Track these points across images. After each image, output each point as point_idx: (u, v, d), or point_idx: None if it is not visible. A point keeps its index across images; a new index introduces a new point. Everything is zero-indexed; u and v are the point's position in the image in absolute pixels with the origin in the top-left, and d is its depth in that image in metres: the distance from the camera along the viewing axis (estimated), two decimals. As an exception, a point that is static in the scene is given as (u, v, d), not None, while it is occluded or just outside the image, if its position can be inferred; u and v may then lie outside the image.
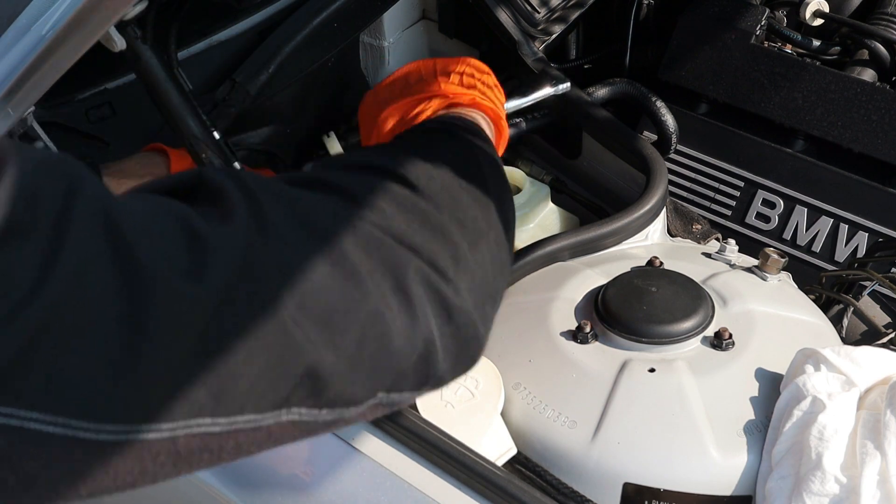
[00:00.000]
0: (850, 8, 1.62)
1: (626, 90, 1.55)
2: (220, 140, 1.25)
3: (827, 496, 0.90)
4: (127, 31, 1.16)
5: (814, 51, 1.55)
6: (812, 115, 1.47)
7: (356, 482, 0.99)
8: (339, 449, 1.01)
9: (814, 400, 0.95)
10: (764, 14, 1.54)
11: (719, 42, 1.54)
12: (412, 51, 1.82)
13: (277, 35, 1.54)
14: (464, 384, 1.04)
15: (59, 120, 1.37)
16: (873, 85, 1.45)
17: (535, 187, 1.49)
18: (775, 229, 1.50)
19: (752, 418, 1.00)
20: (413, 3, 1.77)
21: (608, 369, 1.05)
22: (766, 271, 1.20)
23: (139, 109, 1.44)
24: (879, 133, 1.42)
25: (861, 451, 0.91)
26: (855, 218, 1.44)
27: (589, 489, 1.00)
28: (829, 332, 1.16)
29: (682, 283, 1.12)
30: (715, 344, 1.07)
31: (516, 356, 1.09)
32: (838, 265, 1.45)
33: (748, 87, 1.52)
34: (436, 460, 0.99)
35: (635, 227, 1.27)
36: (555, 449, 1.02)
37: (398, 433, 1.01)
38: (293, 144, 1.68)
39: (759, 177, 1.51)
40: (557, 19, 1.64)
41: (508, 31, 1.56)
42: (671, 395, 1.02)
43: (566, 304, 1.14)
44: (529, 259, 1.21)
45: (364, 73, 1.82)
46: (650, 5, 1.71)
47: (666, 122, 1.51)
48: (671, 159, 1.55)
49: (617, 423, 1.01)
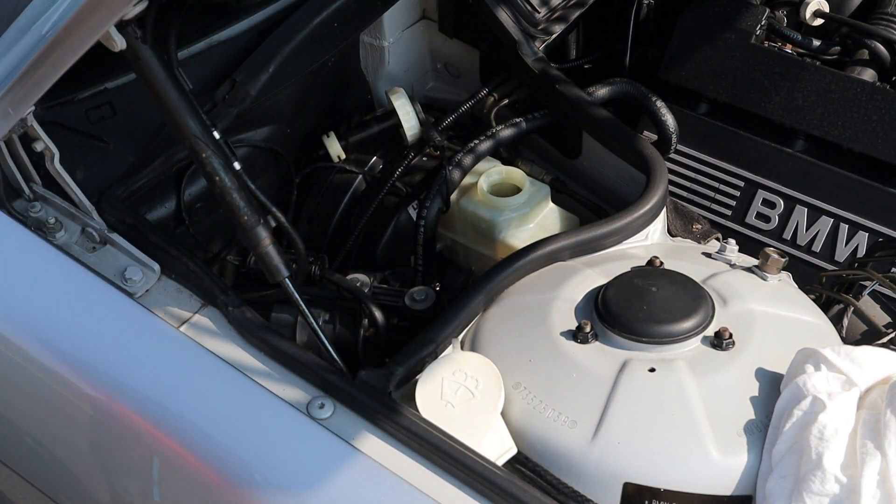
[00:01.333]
0: (850, 8, 1.62)
1: (626, 90, 1.55)
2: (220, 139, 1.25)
3: (827, 496, 0.90)
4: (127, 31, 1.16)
5: (814, 51, 1.55)
6: (812, 114, 1.47)
7: (356, 482, 0.99)
8: (340, 449, 1.01)
9: (814, 400, 0.95)
10: (764, 14, 1.54)
11: (719, 42, 1.54)
12: (412, 51, 1.82)
13: (277, 35, 1.54)
14: (464, 384, 1.04)
15: (59, 120, 1.37)
16: (873, 85, 1.45)
17: (535, 187, 1.49)
18: (775, 229, 1.50)
19: (753, 418, 1.00)
20: (413, 3, 1.77)
21: (608, 369, 1.05)
22: (767, 271, 1.20)
23: (139, 109, 1.44)
24: (879, 133, 1.42)
25: (861, 450, 0.91)
26: (855, 218, 1.44)
27: (589, 489, 1.00)
28: (830, 332, 1.16)
29: (683, 282, 1.12)
30: (715, 344, 1.07)
31: (516, 356, 1.09)
32: (838, 265, 1.45)
33: (748, 87, 1.52)
34: (436, 460, 0.99)
35: (635, 227, 1.28)
36: (555, 449, 1.02)
37: (398, 433, 1.01)
38: (294, 144, 1.68)
39: (759, 177, 1.52)
40: (558, 19, 1.64)
41: (508, 31, 1.56)
42: (671, 394, 1.02)
43: (566, 304, 1.14)
44: (529, 259, 1.21)
45: (364, 73, 1.82)
46: (650, 5, 1.72)
47: (666, 122, 1.51)
48: (671, 159, 1.55)
49: (617, 422, 1.01)
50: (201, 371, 1.10)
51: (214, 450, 1.07)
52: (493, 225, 1.46)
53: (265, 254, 1.12)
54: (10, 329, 1.19)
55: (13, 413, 1.29)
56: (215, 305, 1.15)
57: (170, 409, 1.09)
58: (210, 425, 1.08)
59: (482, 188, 1.47)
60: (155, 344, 1.13)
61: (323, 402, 1.04)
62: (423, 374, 1.06)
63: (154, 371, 1.12)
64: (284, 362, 1.09)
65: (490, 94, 1.62)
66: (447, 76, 1.85)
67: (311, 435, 1.03)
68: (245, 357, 1.10)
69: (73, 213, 1.24)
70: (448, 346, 1.11)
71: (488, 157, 1.55)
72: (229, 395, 1.08)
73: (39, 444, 1.31)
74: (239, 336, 1.12)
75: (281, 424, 1.05)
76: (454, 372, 1.05)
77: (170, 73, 1.22)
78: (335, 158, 1.65)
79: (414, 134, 1.61)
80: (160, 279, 1.18)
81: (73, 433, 1.22)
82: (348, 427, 1.03)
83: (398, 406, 1.02)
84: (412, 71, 1.84)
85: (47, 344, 1.17)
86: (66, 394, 1.16)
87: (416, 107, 1.61)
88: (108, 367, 1.14)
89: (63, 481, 1.33)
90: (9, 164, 1.24)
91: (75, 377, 1.15)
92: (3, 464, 1.37)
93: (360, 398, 1.03)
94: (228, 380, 1.09)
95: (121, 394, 1.12)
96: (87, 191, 1.27)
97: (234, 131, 1.57)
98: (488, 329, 1.14)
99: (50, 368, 1.16)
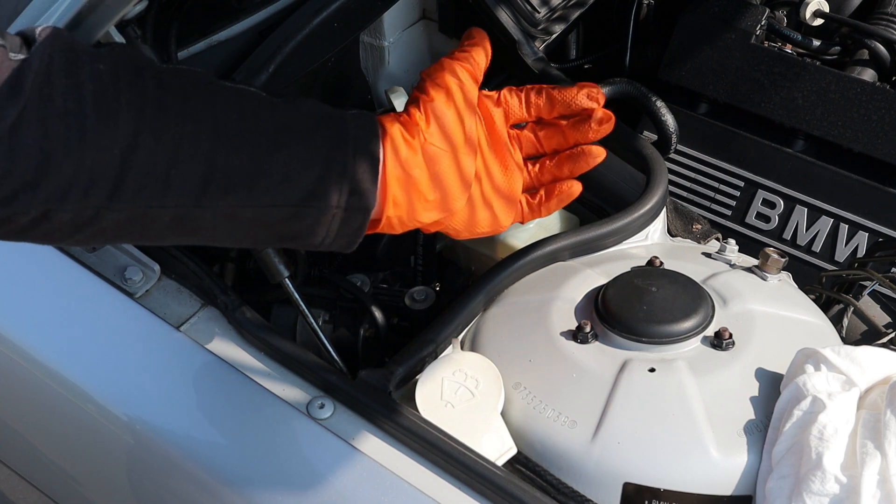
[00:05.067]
0: (850, 8, 1.62)
1: (626, 90, 1.54)
2: (220, 140, 1.25)
3: (827, 496, 0.90)
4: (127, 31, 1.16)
5: (814, 51, 1.55)
6: (812, 114, 1.47)
7: (356, 482, 0.99)
8: (340, 449, 1.01)
9: (814, 400, 0.95)
10: (764, 14, 1.54)
11: (719, 42, 1.54)
12: (412, 51, 1.82)
13: (277, 35, 1.54)
14: (464, 384, 1.04)
15: (59, 120, 1.36)
16: (873, 85, 1.45)
17: (535, 187, 1.49)
18: (775, 229, 1.50)
19: (752, 418, 1.00)
20: (413, 3, 1.77)
21: (608, 369, 1.05)
22: (766, 271, 1.20)
23: (139, 109, 1.44)
24: (879, 133, 1.42)
25: (861, 450, 0.91)
26: (855, 218, 1.44)
27: (589, 489, 1.00)
28: (829, 332, 1.16)
29: (682, 282, 1.12)
30: (715, 344, 1.07)
31: (516, 356, 1.09)
32: (838, 265, 1.45)
33: (748, 87, 1.52)
34: (436, 460, 0.99)
35: (635, 227, 1.27)
36: (555, 449, 1.02)
37: (398, 433, 1.01)
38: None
39: (759, 177, 1.52)
40: (558, 19, 1.64)
41: (508, 31, 1.56)
42: (671, 394, 1.02)
43: (566, 304, 1.14)
44: (529, 259, 1.21)
45: (364, 73, 1.82)
46: (650, 5, 1.72)
47: (666, 122, 1.51)
48: (671, 159, 1.55)
49: (617, 422, 1.01)
50: (201, 371, 1.10)
51: (214, 449, 1.07)
52: (493, 225, 1.45)
53: (265, 253, 1.12)
54: (10, 329, 1.19)
55: (10, 413, 1.29)
56: (215, 305, 1.15)
57: (169, 408, 1.09)
58: (209, 425, 1.08)
59: (482, 188, 1.47)
60: (154, 344, 1.13)
61: (323, 402, 1.04)
62: (423, 374, 1.06)
63: (153, 371, 1.12)
64: (284, 362, 1.09)
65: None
66: (447, 76, 1.85)
67: (311, 435, 1.03)
68: (245, 357, 1.10)
69: (73, 213, 1.24)
70: (448, 346, 1.11)
71: (488, 157, 1.55)
72: (229, 395, 1.08)
73: (35, 443, 1.31)
74: (239, 336, 1.12)
75: (281, 424, 1.05)
76: (454, 372, 1.05)
77: (170, 73, 1.22)
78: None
79: (414, 134, 1.61)
80: (160, 279, 1.18)
81: (72, 433, 1.22)
82: (348, 427, 1.03)
83: (398, 406, 1.02)
84: (412, 71, 1.84)
85: (46, 344, 1.17)
86: (65, 394, 1.16)
87: (416, 106, 1.61)
88: (108, 366, 1.14)
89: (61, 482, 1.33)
90: (9, 164, 1.24)
91: (75, 377, 1.15)
92: (3, 464, 1.37)
93: (360, 398, 1.03)
94: (228, 380, 1.09)
95: (120, 394, 1.12)
96: (87, 191, 1.27)
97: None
98: (488, 329, 1.14)
99: (49, 368, 1.16)
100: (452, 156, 0.90)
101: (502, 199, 0.97)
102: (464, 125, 0.90)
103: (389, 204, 0.88)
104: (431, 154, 0.88)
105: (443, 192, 0.90)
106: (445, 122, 0.89)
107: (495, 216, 0.97)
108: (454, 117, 0.90)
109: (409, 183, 0.88)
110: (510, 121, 0.98)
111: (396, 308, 1.28)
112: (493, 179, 0.95)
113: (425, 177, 0.89)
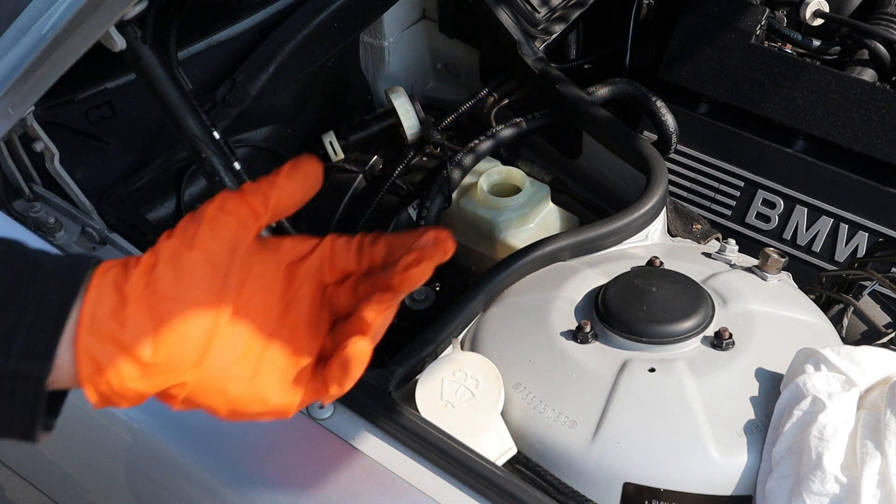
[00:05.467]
0: (850, 8, 1.62)
1: (626, 90, 1.55)
2: (220, 139, 1.26)
3: (827, 496, 0.90)
4: (127, 31, 1.16)
5: (814, 51, 1.55)
6: (812, 115, 1.47)
7: (356, 482, 0.99)
8: (339, 449, 1.01)
9: (814, 400, 0.95)
10: (764, 14, 1.54)
11: (719, 42, 1.54)
12: (412, 51, 1.82)
13: (277, 35, 1.55)
14: (464, 384, 1.04)
15: (59, 120, 1.37)
16: (873, 85, 1.45)
17: (535, 187, 1.49)
18: (775, 229, 1.50)
19: (752, 418, 1.00)
20: (413, 3, 1.77)
21: (608, 369, 1.05)
22: (766, 271, 1.20)
23: (139, 109, 1.44)
24: (879, 133, 1.42)
25: (861, 450, 0.91)
26: (855, 218, 1.44)
27: (589, 489, 1.00)
28: (830, 332, 1.16)
29: (682, 282, 1.12)
30: (715, 344, 1.07)
31: (516, 356, 1.09)
32: (838, 265, 1.45)
33: (748, 87, 1.52)
34: (436, 460, 0.99)
35: (635, 227, 1.27)
36: (555, 449, 1.02)
37: (398, 433, 1.01)
38: (294, 144, 1.68)
39: (759, 177, 1.51)
40: (558, 19, 1.64)
41: (508, 31, 1.56)
42: (671, 394, 1.02)
43: (566, 304, 1.14)
44: (529, 259, 1.21)
45: (364, 73, 1.82)
46: (650, 5, 1.72)
47: (666, 122, 1.51)
48: (671, 159, 1.55)
49: (617, 422, 1.01)
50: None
51: (213, 449, 1.07)
52: (493, 225, 1.46)
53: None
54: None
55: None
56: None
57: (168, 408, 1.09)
58: (209, 425, 1.08)
59: (482, 188, 1.48)
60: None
61: (323, 401, 1.04)
62: (423, 374, 1.06)
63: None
64: (284, 362, 1.09)
65: (490, 94, 1.62)
66: (447, 76, 1.85)
67: (310, 435, 1.03)
68: (245, 357, 1.10)
69: (73, 213, 1.24)
70: (448, 346, 1.11)
71: (488, 157, 1.55)
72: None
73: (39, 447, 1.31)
74: (239, 336, 1.12)
75: (281, 424, 1.05)
76: (454, 372, 1.05)
77: (170, 73, 1.22)
78: (334, 158, 1.65)
79: (414, 133, 1.61)
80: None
81: (72, 433, 1.22)
82: (348, 427, 1.03)
83: (398, 406, 1.02)
84: (412, 71, 1.84)
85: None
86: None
87: (416, 106, 1.61)
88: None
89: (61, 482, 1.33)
90: (9, 164, 1.24)
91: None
92: (3, 464, 1.37)
93: (360, 398, 1.03)
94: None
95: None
96: (86, 191, 1.27)
97: (234, 131, 1.57)
98: (488, 329, 1.14)
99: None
100: (184, 308, 0.69)
101: (276, 376, 0.75)
102: (212, 272, 0.71)
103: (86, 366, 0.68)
104: (154, 305, 0.69)
105: (167, 354, 0.70)
106: (183, 267, 0.70)
107: (263, 396, 0.74)
108: (199, 261, 0.70)
109: (115, 342, 0.68)
110: (332, 276, 0.79)
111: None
112: (269, 352, 0.75)
113: (141, 333, 0.69)
